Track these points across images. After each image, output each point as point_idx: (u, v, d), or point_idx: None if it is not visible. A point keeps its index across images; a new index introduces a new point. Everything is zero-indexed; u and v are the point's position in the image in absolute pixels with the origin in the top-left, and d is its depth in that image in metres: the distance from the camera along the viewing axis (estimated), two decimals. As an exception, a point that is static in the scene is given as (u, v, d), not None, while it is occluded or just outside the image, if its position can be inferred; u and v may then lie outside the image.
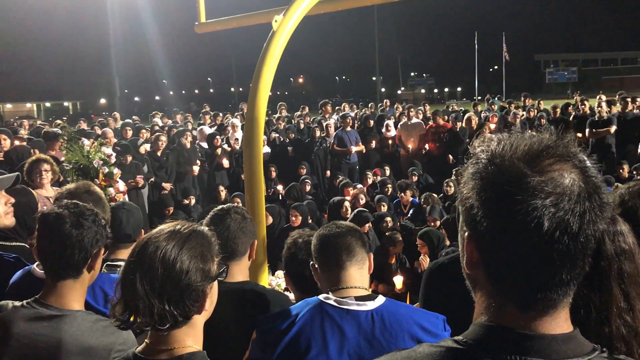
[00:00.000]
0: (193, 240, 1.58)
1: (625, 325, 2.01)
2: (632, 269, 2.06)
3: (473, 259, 0.98)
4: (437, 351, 0.97)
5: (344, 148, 11.99)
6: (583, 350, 0.95)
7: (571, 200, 0.90)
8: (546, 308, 0.95)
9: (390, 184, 9.54)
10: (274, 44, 4.25)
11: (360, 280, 2.12)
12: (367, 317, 1.98)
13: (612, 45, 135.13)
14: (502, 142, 0.98)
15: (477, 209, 0.95)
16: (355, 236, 2.19)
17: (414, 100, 50.02)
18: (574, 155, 0.95)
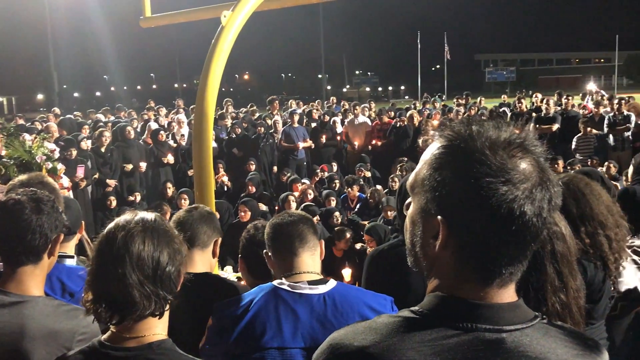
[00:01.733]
0: (163, 230, 1.62)
1: (559, 302, 2.17)
2: (564, 250, 2.23)
3: (445, 241, 1.03)
4: (396, 321, 1.04)
5: (291, 144, 12.05)
6: (526, 317, 1.04)
7: (542, 188, 1.00)
8: (503, 281, 1.04)
9: (338, 180, 9.68)
10: (223, 39, 4.26)
11: (312, 266, 2.20)
12: (320, 300, 2.06)
13: (547, 46, 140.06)
14: (476, 130, 1.04)
15: (453, 196, 1.00)
16: (307, 224, 2.26)
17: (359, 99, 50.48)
18: (536, 148, 1.04)
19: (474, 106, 13.74)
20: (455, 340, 0.98)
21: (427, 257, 1.09)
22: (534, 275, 2.21)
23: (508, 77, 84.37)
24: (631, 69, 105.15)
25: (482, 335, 0.99)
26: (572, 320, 2.22)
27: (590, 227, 2.62)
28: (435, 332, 1.00)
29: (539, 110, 12.22)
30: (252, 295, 2.11)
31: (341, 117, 14.03)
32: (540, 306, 2.18)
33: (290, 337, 1.99)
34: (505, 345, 0.99)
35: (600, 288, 2.64)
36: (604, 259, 2.62)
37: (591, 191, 2.72)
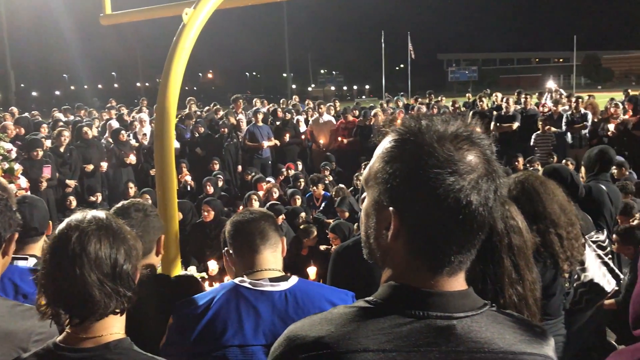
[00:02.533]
0: (117, 228, 1.60)
1: (516, 294, 2.23)
2: (520, 243, 2.29)
3: (397, 231, 1.06)
4: (351, 311, 1.07)
5: (255, 143, 12.00)
6: (476, 305, 1.08)
7: (488, 179, 1.03)
8: (452, 270, 1.06)
9: (303, 178, 9.69)
10: (185, 37, 4.21)
11: (274, 263, 2.20)
12: (281, 297, 2.07)
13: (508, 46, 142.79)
14: (425, 124, 1.07)
15: (403, 187, 1.03)
16: (269, 221, 2.26)
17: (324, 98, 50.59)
18: (482, 140, 1.07)
19: (436, 105, 13.94)
20: (407, 328, 1.01)
21: (380, 248, 1.11)
22: (492, 268, 2.26)
23: (470, 77, 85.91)
24: (589, 68, 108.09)
25: (434, 322, 1.02)
26: (529, 311, 2.28)
27: (542, 226, 2.69)
28: (389, 320, 1.03)
29: (499, 109, 12.45)
30: (213, 294, 2.10)
31: (305, 116, 14.05)
32: (497, 298, 2.24)
33: (251, 335, 1.99)
34: (455, 331, 1.02)
35: (551, 285, 2.72)
36: (555, 257, 2.69)
37: (545, 190, 2.79)
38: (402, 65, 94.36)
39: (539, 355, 1.08)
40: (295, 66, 78.74)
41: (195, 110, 14.73)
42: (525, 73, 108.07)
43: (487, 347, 1.03)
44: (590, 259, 3.57)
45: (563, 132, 11.22)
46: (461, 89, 72.09)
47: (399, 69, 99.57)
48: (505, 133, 11.85)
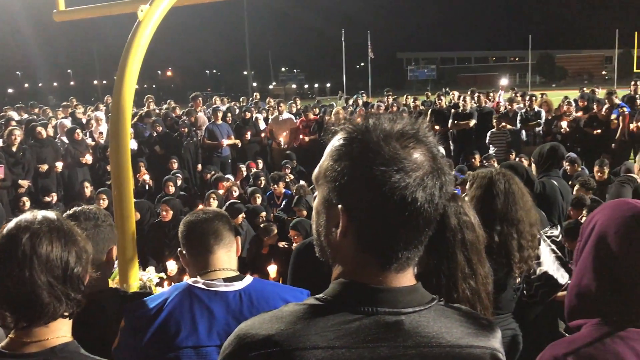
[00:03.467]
0: (68, 229, 1.57)
1: (469, 288, 2.27)
2: (473, 238, 2.34)
3: (346, 228, 1.07)
4: (301, 308, 1.07)
5: (215, 141, 11.90)
6: (424, 300, 1.10)
7: (434, 176, 1.05)
8: (400, 266, 1.08)
9: (264, 177, 9.66)
10: (140, 34, 4.15)
11: (228, 263, 2.18)
12: (235, 297, 2.05)
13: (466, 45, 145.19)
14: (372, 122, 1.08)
15: (351, 185, 1.04)
16: (223, 221, 2.24)
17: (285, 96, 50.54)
18: (428, 138, 1.09)
19: (395, 103, 14.09)
20: (357, 324, 1.03)
21: (330, 246, 1.12)
22: (445, 263, 2.31)
23: (429, 75, 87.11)
24: (543, 67, 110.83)
25: (382, 318, 1.04)
26: (481, 305, 2.33)
27: (506, 230, 2.75)
28: (338, 317, 1.04)
29: (457, 107, 12.68)
30: (166, 295, 2.08)
31: (265, 114, 14.00)
32: (451, 293, 2.29)
33: (205, 335, 1.98)
34: (403, 326, 1.04)
35: (503, 280, 2.79)
36: (509, 260, 2.76)
37: (522, 195, 2.85)
38: (362, 64, 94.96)
39: (486, 348, 1.10)
40: (256, 64, 78.35)
41: (154, 108, 14.51)
42: (483, 72, 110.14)
43: (434, 341, 1.05)
44: (545, 254, 3.66)
45: (518, 130, 11.49)
46: (420, 87, 73.06)
47: (360, 68, 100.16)
48: (463, 130, 12.09)
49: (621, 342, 1.42)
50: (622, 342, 1.42)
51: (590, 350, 1.43)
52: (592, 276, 1.56)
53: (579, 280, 1.61)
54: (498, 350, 1.13)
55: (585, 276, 1.59)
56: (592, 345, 1.43)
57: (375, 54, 62.78)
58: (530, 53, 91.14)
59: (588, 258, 1.60)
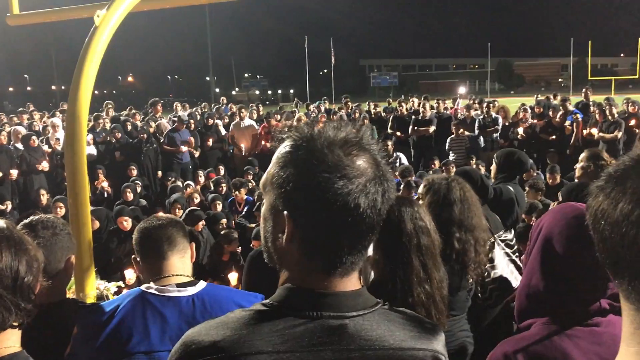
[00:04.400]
0: (19, 238, 1.54)
1: (424, 293, 2.32)
2: (429, 243, 2.39)
3: (291, 235, 1.09)
4: (247, 314, 1.08)
5: (175, 148, 11.78)
6: (368, 304, 1.12)
7: (376, 183, 1.07)
8: (345, 271, 1.10)
9: (225, 183, 9.60)
10: (97, 39, 4.10)
11: (182, 269, 2.19)
12: (188, 302, 2.07)
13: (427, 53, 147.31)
14: (317, 130, 1.11)
15: (296, 192, 1.06)
16: (177, 227, 2.26)
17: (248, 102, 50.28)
18: (371, 146, 1.12)
19: (357, 110, 14.22)
20: (302, 329, 1.04)
21: (277, 252, 1.14)
22: (401, 268, 2.35)
23: (391, 82, 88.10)
24: (502, 74, 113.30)
25: (327, 322, 1.06)
26: (436, 309, 2.38)
27: (464, 237, 2.81)
28: (284, 321, 1.05)
29: (417, 114, 12.86)
30: (118, 301, 2.08)
31: (228, 120, 13.93)
32: (406, 297, 2.33)
33: (158, 341, 1.98)
34: (347, 330, 1.06)
35: (457, 283, 2.86)
36: (465, 265, 2.83)
37: (475, 202, 2.92)
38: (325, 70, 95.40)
39: (428, 350, 1.13)
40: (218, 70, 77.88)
41: (114, 114, 14.28)
42: (443, 79, 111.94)
43: (377, 344, 1.07)
44: (499, 257, 3.74)
45: (476, 136, 11.72)
46: (383, 94, 73.77)
47: (323, 74, 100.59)
48: (423, 136, 12.28)
49: (568, 340, 1.48)
50: (569, 340, 1.48)
51: (538, 348, 1.48)
52: (540, 277, 1.62)
53: (528, 281, 1.67)
54: (440, 353, 1.16)
55: (533, 277, 1.65)
56: (540, 343, 1.49)
57: (338, 60, 63.21)
58: (489, 61, 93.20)
59: (536, 259, 1.66)
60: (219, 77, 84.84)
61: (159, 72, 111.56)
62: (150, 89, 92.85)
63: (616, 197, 0.81)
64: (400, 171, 9.33)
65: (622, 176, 0.82)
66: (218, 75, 77.90)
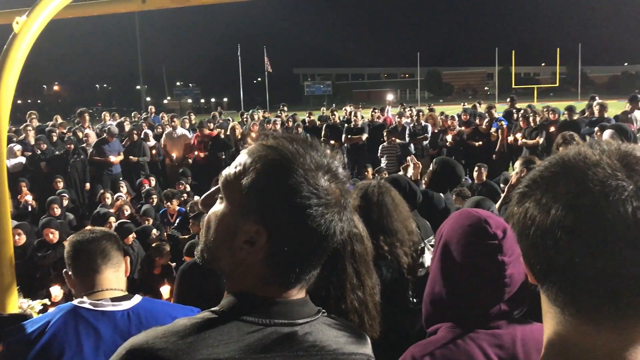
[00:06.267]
0: None
1: (357, 299, 2.35)
2: (362, 250, 2.42)
3: (261, 245, 1.08)
4: (195, 321, 1.06)
5: (104, 158, 11.43)
6: (313, 312, 1.15)
7: (347, 211, 1.13)
8: (304, 286, 1.14)
9: (156, 194, 9.39)
10: (16, 47, 3.93)
11: (116, 282, 2.17)
12: (123, 316, 2.03)
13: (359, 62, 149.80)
14: (301, 149, 1.10)
15: (277, 210, 1.06)
16: (111, 240, 2.23)
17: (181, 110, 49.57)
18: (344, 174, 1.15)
19: (291, 119, 14.29)
20: (253, 336, 1.05)
21: (233, 258, 1.12)
22: (335, 275, 2.37)
23: (325, 91, 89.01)
24: (431, 83, 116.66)
25: (279, 329, 1.07)
26: (369, 315, 2.41)
27: (389, 239, 2.87)
28: (235, 328, 1.05)
29: (349, 122, 13.05)
30: (49, 317, 2.02)
31: (160, 129, 13.64)
32: (339, 304, 2.35)
33: (91, 356, 1.94)
34: (297, 336, 1.08)
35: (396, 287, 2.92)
36: (399, 266, 2.89)
37: (395, 207, 2.98)
38: (259, 79, 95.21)
39: (364, 355, 1.19)
40: (149, 78, 76.29)
41: (39, 124, 13.70)
42: (375, 88, 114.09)
43: (324, 349, 1.11)
44: (429, 262, 3.84)
45: (407, 143, 12.01)
46: (317, 102, 74.39)
47: (257, 82, 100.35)
48: (356, 144, 12.47)
49: (471, 342, 1.54)
50: (472, 343, 1.54)
51: (444, 351, 1.54)
52: (442, 283, 1.68)
53: (432, 288, 1.73)
54: (372, 357, 1.23)
55: (436, 284, 1.70)
56: (446, 347, 1.55)
57: (273, 69, 63.20)
58: (419, 70, 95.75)
59: (437, 266, 1.72)
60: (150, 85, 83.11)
61: (87, 80, 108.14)
62: (77, 97, 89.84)
63: (548, 203, 0.81)
64: (334, 179, 9.41)
65: (551, 182, 0.83)
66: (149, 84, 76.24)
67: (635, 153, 0.82)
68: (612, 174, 0.79)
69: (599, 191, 0.78)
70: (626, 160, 0.81)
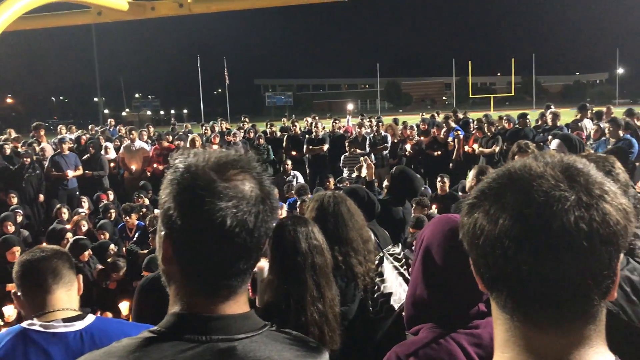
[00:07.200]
0: None
1: (317, 311, 2.36)
2: (322, 262, 2.45)
3: (168, 255, 1.10)
4: (134, 342, 1.07)
5: (60, 173, 11.16)
6: (256, 326, 1.14)
7: (249, 203, 1.08)
8: (228, 294, 1.12)
9: (114, 209, 9.21)
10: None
11: (68, 302, 2.10)
12: (76, 338, 1.98)
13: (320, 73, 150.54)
14: (198, 154, 1.13)
15: (173, 211, 1.08)
16: (62, 259, 2.17)
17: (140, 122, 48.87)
18: (253, 168, 1.14)
19: (252, 129, 14.25)
20: (191, 353, 1.04)
21: (165, 275, 1.15)
22: (295, 288, 2.38)
23: (286, 102, 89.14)
24: (391, 93, 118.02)
25: (216, 345, 1.06)
26: (329, 327, 2.43)
27: (344, 249, 2.90)
28: (173, 347, 1.05)
29: (310, 133, 13.09)
30: None
31: (118, 142, 13.42)
32: (300, 316, 2.36)
33: None
34: (236, 352, 1.07)
35: (352, 298, 2.94)
36: (355, 276, 2.91)
37: (350, 217, 3.01)
38: (220, 90, 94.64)
39: None
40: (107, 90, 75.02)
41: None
42: (336, 98, 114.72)
43: None
44: (388, 271, 3.88)
45: (367, 153, 12.10)
46: (278, 113, 74.36)
47: (217, 94, 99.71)
48: (317, 155, 12.51)
49: (452, 341, 1.61)
50: (453, 342, 1.61)
51: (427, 351, 1.60)
52: (423, 286, 1.74)
53: (414, 290, 1.79)
54: None
55: (418, 287, 1.76)
56: (428, 346, 1.61)
57: (233, 80, 62.98)
58: (378, 80, 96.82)
59: (419, 270, 1.78)
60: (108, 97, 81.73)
61: (42, 93, 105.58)
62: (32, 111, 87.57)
63: (496, 213, 0.84)
64: (296, 190, 9.43)
65: (498, 193, 0.86)
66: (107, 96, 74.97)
67: (577, 165, 0.86)
68: (555, 184, 0.83)
69: (543, 201, 0.82)
70: (568, 172, 0.85)
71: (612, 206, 0.82)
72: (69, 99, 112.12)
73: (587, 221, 0.80)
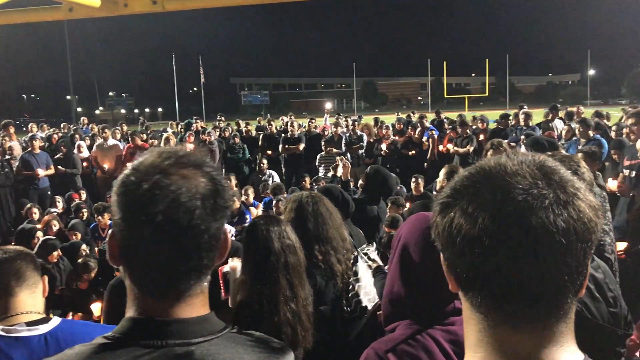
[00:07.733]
0: None
1: (290, 311, 2.35)
2: (295, 261, 2.44)
3: (114, 253, 1.08)
4: (87, 349, 1.04)
5: (31, 172, 10.95)
6: (215, 329, 1.11)
7: (186, 201, 1.03)
8: (178, 296, 1.08)
9: (86, 209, 9.06)
10: None
11: (32, 305, 2.05)
12: (40, 342, 1.93)
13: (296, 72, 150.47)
14: (152, 151, 1.11)
15: (116, 211, 1.06)
16: (26, 260, 2.11)
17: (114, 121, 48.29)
18: (204, 164, 1.10)
19: (228, 128, 14.17)
20: (146, 358, 1.02)
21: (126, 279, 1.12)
22: (268, 287, 2.36)
23: (263, 101, 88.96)
24: (367, 93, 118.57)
25: (172, 350, 1.04)
26: (302, 326, 2.41)
27: (324, 248, 2.90)
28: (127, 353, 1.02)
29: (286, 132, 13.07)
30: None
31: (89, 141, 13.22)
32: (272, 316, 2.35)
33: None
34: (193, 356, 1.04)
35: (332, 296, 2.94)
36: (334, 274, 2.91)
37: (329, 216, 3.01)
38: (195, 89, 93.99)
39: None
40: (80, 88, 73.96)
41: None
42: (312, 97, 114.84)
43: None
44: (363, 270, 3.89)
45: (343, 153, 12.13)
46: (255, 111, 74.17)
47: (193, 92, 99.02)
48: (293, 154, 12.49)
49: (429, 338, 1.63)
50: (430, 338, 1.63)
51: (405, 347, 1.62)
52: (401, 283, 1.76)
53: (391, 288, 1.80)
54: None
55: (395, 284, 1.78)
56: (406, 343, 1.63)
57: (209, 78, 62.66)
58: (354, 80, 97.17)
59: (396, 267, 1.79)
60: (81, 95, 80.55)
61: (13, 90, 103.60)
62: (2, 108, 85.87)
63: (474, 212, 0.83)
64: (272, 189, 9.40)
65: (475, 192, 0.85)
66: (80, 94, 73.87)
67: (549, 163, 0.86)
68: (533, 182, 0.82)
69: (523, 199, 0.81)
70: (544, 170, 0.85)
71: (585, 203, 0.83)
72: (40, 97, 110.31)
73: (565, 218, 0.80)
